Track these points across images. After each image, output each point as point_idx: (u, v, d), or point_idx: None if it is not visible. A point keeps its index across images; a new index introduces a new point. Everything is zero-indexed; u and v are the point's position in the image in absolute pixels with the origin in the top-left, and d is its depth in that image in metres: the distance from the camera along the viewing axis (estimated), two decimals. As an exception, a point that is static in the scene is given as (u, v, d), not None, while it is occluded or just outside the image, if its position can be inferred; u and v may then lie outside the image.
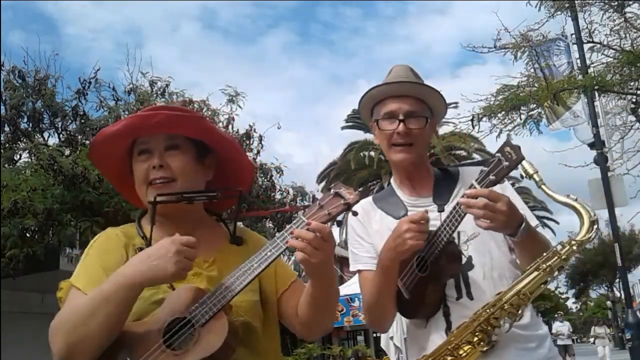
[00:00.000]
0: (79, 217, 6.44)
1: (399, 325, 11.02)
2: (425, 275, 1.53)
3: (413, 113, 1.65)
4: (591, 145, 8.91)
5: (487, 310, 1.42)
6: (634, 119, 8.85)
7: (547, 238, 1.57)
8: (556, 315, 17.20)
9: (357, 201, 1.26)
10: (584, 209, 1.42)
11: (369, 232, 1.74)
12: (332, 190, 1.28)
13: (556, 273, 1.40)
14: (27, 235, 6.48)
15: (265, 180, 8.69)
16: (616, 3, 7.89)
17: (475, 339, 1.43)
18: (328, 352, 17.69)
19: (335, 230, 24.18)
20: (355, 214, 1.33)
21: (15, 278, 6.42)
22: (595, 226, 1.41)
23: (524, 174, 1.44)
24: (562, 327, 17.27)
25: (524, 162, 1.43)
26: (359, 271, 1.75)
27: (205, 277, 1.35)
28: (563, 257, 1.39)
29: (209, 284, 1.31)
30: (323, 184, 22.54)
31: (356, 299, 16.66)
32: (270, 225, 9.14)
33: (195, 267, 1.31)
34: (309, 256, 1.21)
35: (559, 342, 16.03)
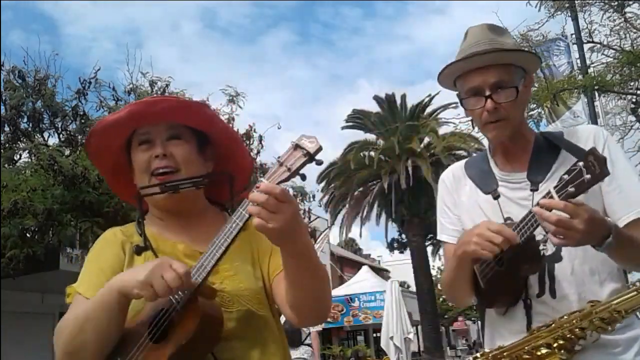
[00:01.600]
0: (79, 217, 6.44)
1: (400, 325, 11.03)
2: (502, 269, 1.43)
3: (499, 84, 1.46)
4: (591, 145, 8.89)
5: (574, 321, 1.31)
6: (634, 119, 8.85)
7: None
8: None
9: (319, 149, 1.12)
10: None
11: (457, 203, 1.64)
12: (291, 143, 1.15)
13: None
14: (27, 235, 6.48)
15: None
16: (616, 3, 7.89)
17: (556, 344, 1.32)
18: (328, 352, 17.70)
19: (336, 230, 24.14)
20: (319, 163, 1.13)
21: (15, 278, 6.41)
22: None
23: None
24: None
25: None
26: (444, 243, 1.66)
27: None
28: None
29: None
30: (323, 184, 22.53)
31: (356, 299, 16.68)
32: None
33: (190, 260, 1.29)
34: (266, 221, 1.08)
35: None
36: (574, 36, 8.57)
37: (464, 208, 1.61)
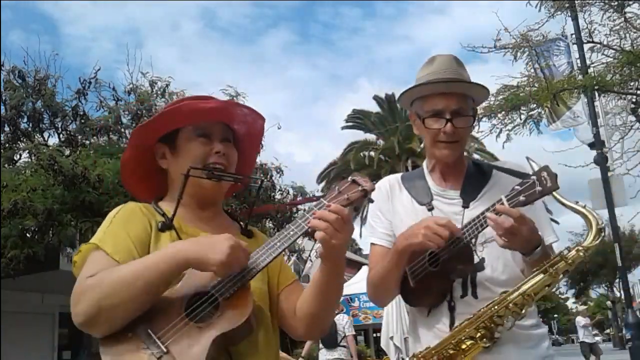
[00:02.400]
0: (79, 217, 6.43)
1: (399, 325, 11.02)
2: (435, 270, 1.56)
3: (459, 112, 1.64)
4: (591, 145, 8.91)
5: (492, 308, 1.46)
6: (634, 119, 8.85)
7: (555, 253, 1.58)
8: (574, 309, 15.08)
9: (373, 189, 1.32)
10: (592, 215, 1.46)
11: (390, 209, 1.77)
12: (349, 178, 1.34)
13: (561, 276, 1.44)
14: (27, 235, 6.47)
15: (266, 180, 8.69)
16: (616, 3, 7.89)
17: (478, 334, 1.46)
18: (328, 352, 17.67)
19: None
20: (371, 201, 1.39)
21: (15, 278, 6.41)
22: (603, 233, 1.45)
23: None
24: (585, 321, 14.58)
25: (534, 165, 1.47)
26: (372, 244, 1.78)
27: None
28: (569, 261, 1.43)
29: None
30: (323, 183, 22.54)
31: (356, 299, 16.66)
32: (270, 225, 9.14)
33: None
34: (330, 237, 1.24)
35: (585, 340, 14.00)
36: (574, 36, 8.58)
37: (398, 216, 1.74)
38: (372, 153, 20.33)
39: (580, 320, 14.59)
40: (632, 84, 8.28)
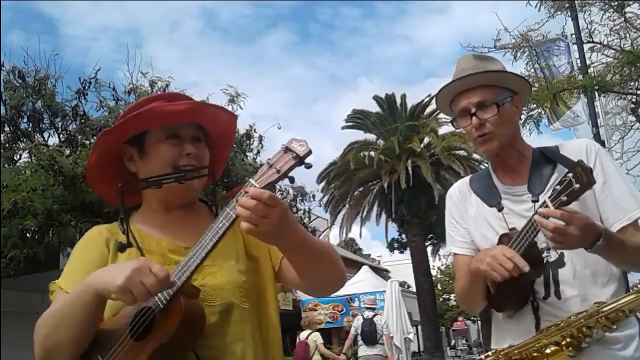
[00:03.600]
0: (79, 218, 6.43)
1: (400, 325, 11.01)
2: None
3: (483, 103, 1.62)
4: (591, 145, 8.89)
5: (582, 320, 1.42)
6: (634, 119, 8.85)
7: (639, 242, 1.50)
8: None
9: (308, 152, 1.14)
10: None
11: (464, 217, 1.76)
12: (281, 145, 1.18)
13: None
14: (27, 235, 6.47)
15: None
16: (616, 3, 7.89)
17: (564, 342, 1.43)
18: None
19: (336, 230, 24.12)
20: (308, 166, 1.15)
21: (15, 278, 6.41)
22: None
23: None
24: None
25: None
26: (455, 254, 1.78)
27: None
28: None
29: None
30: (323, 183, 22.52)
31: (356, 299, 16.67)
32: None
33: (175, 255, 1.33)
34: (255, 225, 1.12)
35: None
36: (574, 36, 8.57)
37: (472, 221, 1.73)
38: (372, 153, 20.31)
39: None
40: (632, 84, 8.28)
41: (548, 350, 1.43)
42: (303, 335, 10.08)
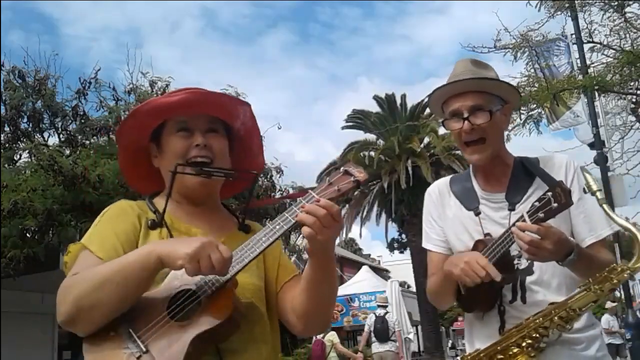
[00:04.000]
0: (79, 218, 6.43)
1: (400, 325, 11.02)
2: None
3: (477, 108, 1.64)
4: (591, 145, 8.90)
5: (538, 320, 1.49)
6: (634, 119, 8.85)
7: (604, 258, 1.58)
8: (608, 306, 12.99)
9: (366, 179, 1.27)
10: None
11: (442, 216, 1.80)
12: (341, 169, 1.28)
13: (607, 294, 1.46)
14: (27, 235, 6.46)
15: (265, 180, 8.68)
16: (616, 3, 7.89)
17: (525, 343, 1.49)
18: (328, 352, 17.66)
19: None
20: (363, 191, 1.33)
21: (15, 278, 6.41)
22: None
23: (587, 189, 1.53)
24: (612, 321, 13.35)
25: (588, 177, 1.52)
26: (428, 251, 1.83)
27: None
28: (614, 281, 1.45)
29: None
30: (323, 184, 22.46)
31: (356, 299, 16.67)
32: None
33: None
34: (317, 233, 1.19)
35: (611, 341, 12.16)
36: (574, 36, 8.57)
37: (448, 222, 1.78)
38: (372, 153, 20.30)
39: (609, 319, 13.11)
40: (632, 84, 8.28)
41: (510, 352, 1.51)
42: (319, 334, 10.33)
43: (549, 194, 1.43)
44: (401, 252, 24.16)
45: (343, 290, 17.63)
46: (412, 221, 19.66)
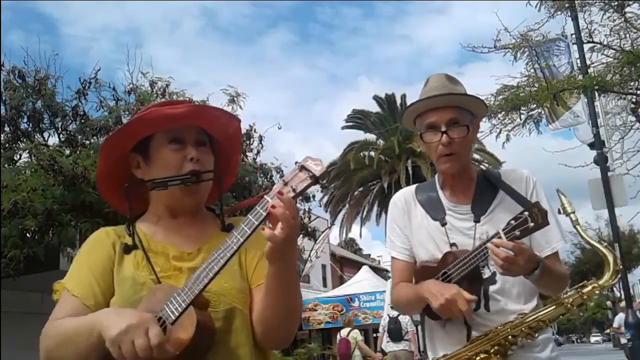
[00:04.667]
0: (79, 218, 6.42)
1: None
2: None
3: (454, 122, 1.70)
4: (591, 145, 8.90)
5: (508, 330, 1.57)
6: (634, 119, 8.86)
7: (559, 270, 1.68)
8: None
9: (324, 173, 1.17)
10: (612, 256, 1.56)
11: (407, 225, 1.84)
12: (297, 164, 1.19)
13: (575, 308, 1.56)
14: (27, 235, 6.46)
15: (265, 180, 8.68)
16: (616, 3, 7.89)
17: (493, 349, 1.57)
18: (328, 352, 17.67)
19: (336, 230, 24.13)
20: (323, 186, 1.25)
21: (15, 278, 6.41)
22: (619, 275, 1.56)
23: (561, 210, 1.61)
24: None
25: (563, 199, 1.60)
26: (393, 258, 1.86)
27: (186, 269, 1.34)
28: (584, 297, 1.55)
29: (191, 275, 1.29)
30: (323, 183, 22.50)
31: (356, 299, 16.67)
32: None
33: (178, 262, 1.34)
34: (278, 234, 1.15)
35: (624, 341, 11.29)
36: (574, 36, 8.57)
37: (414, 231, 1.82)
38: (372, 153, 20.32)
39: (622, 318, 11.90)
40: (632, 84, 8.29)
41: (478, 358, 1.58)
42: (344, 332, 10.76)
43: (526, 213, 1.49)
44: (401, 252, 24.13)
45: (343, 290, 17.64)
46: (412, 221, 19.65)
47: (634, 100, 8.63)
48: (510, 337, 1.56)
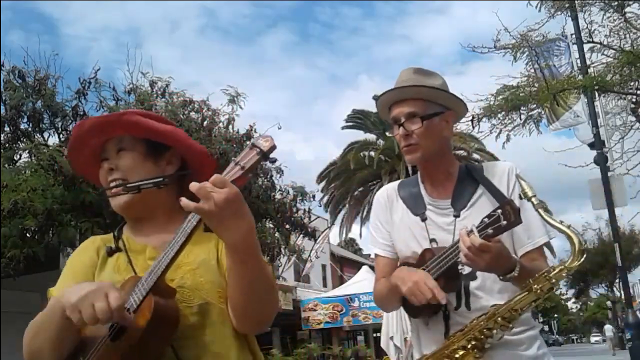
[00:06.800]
0: (79, 218, 6.43)
1: (399, 325, 11.07)
2: None
3: (412, 115, 1.70)
4: (591, 145, 8.91)
5: (482, 322, 1.54)
6: (634, 119, 8.87)
7: (541, 268, 1.60)
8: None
9: (272, 147, 1.15)
10: (575, 236, 1.51)
11: (389, 220, 1.83)
12: (249, 143, 1.20)
13: (545, 294, 1.51)
14: (27, 235, 6.47)
15: (265, 180, 8.68)
16: (616, 3, 7.90)
17: (470, 345, 1.55)
18: (328, 352, 17.69)
19: (336, 230, 24.12)
20: (272, 161, 1.20)
21: (15, 278, 6.41)
22: (585, 255, 1.50)
23: (522, 196, 1.55)
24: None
25: (523, 184, 1.55)
26: (375, 254, 1.86)
27: None
28: (552, 280, 1.49)
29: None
30: (323, 183, 22.54)
31: (356, 299, 16.66)
32: (270, 225, 9.13)
33: (154, 261, 1.34)
34: (202, 208, 1.12)
35: None
36: (574, 36, 8.58)
37: (395, 227, 1.81)
38: (372, 153, 20.33)
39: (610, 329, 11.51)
40: (632, 84, 8.30)
41: (457, 355, 1.55)
42: None
43: (499, 211, 1.46)
44: (401, 252, 24.13)
45: (343, 290, 17.63)
46: (412, 221, 19.64)
47: (634, 100, 8.63)
48: (485, 330, 1.53)
